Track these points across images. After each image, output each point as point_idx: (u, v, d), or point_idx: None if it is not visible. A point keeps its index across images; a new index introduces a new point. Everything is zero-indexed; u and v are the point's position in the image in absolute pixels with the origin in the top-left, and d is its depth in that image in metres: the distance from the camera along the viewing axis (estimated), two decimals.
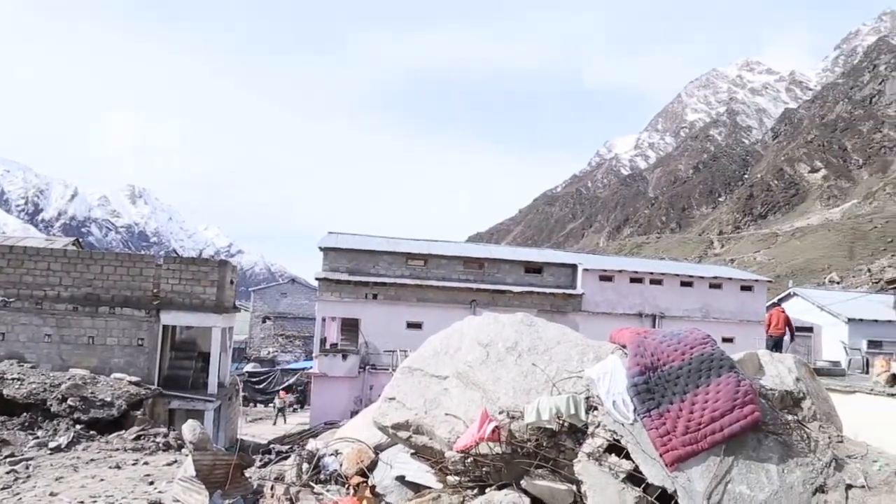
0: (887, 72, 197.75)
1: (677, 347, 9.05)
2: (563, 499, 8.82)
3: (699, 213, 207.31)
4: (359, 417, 15.30)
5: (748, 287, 36.99)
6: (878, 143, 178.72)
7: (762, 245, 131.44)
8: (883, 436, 10.92)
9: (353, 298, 30.86)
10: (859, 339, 36.29)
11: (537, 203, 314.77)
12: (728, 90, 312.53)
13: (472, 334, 10.66)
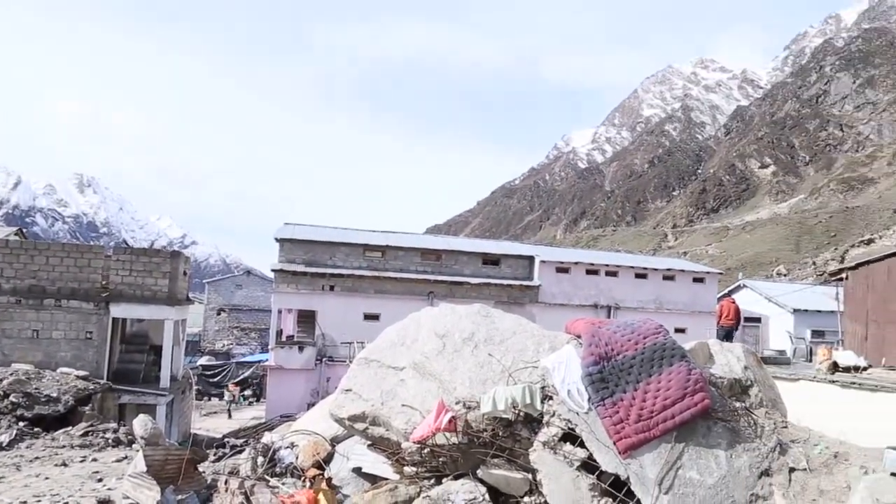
0: (832, 73, 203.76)
1: (631, 337, 9.19)
2: (518, 487, 8.90)
3: (654, 207, 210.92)
4: (315, 409, 15.17)
5: (700, 279, 37.80)
6: (823, 141, 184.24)
7: (714, 238, 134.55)
8: (824, 420, 11.30)
9: (309, 290, 30.57)
10: (804, 328, 37.50)
11: (496, 195, 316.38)
12: (683, 87, 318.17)
13: (428, 325, 10.66)
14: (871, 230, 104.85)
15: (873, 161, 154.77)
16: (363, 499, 9.36)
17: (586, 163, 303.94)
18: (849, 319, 18.50)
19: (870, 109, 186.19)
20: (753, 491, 8.32)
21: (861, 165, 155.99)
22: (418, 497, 9.06)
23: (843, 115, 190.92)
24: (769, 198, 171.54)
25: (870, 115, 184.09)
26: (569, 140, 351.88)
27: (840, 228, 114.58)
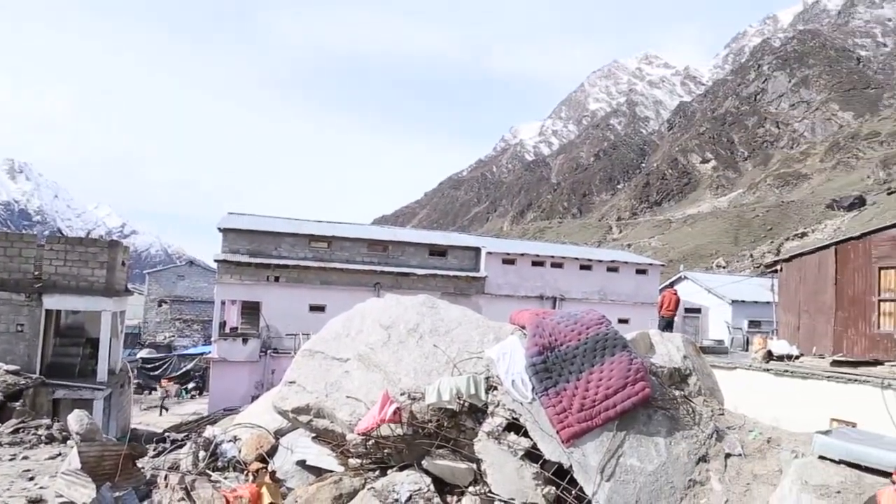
0: (769, 72, 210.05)
1: (574, 328, 9.31)
2: (463, 477, 8.94)
3: (599, 200, 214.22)
4: (259, 402, 14.95)
5: (643, 271, 38.57)
6: (761, 138, 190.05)
7: (657, 231, 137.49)
8: (759, 407, 11.70)
9: (253, 281, 30.04)
10: (741, 319, 38.60)
11: (443, 186, 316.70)
12: (628, 82, 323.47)
13: (374, 316, 10.60)
14: (804, 224, 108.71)
15: (807, 158, 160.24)
16: (307, 492, 9.27)
17: (533, 155, 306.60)
18: (783, 310, 19.12)
19: (804, 108, 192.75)
20: (691, 477, 8.55)
21: (796, 162, 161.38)
22: (363, 489, 9.02)
23: (780, 112, 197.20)
24: (710, 192, 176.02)
25: (804, 114, 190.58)
26: (516, 132, 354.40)
27: (776, 222, 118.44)
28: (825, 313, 17.37)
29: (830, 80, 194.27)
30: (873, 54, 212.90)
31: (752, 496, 8.21)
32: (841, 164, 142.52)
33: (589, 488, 8.26)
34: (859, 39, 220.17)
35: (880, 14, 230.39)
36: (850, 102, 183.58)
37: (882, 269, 16.05)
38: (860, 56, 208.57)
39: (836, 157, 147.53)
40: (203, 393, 41.22)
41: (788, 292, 18.78)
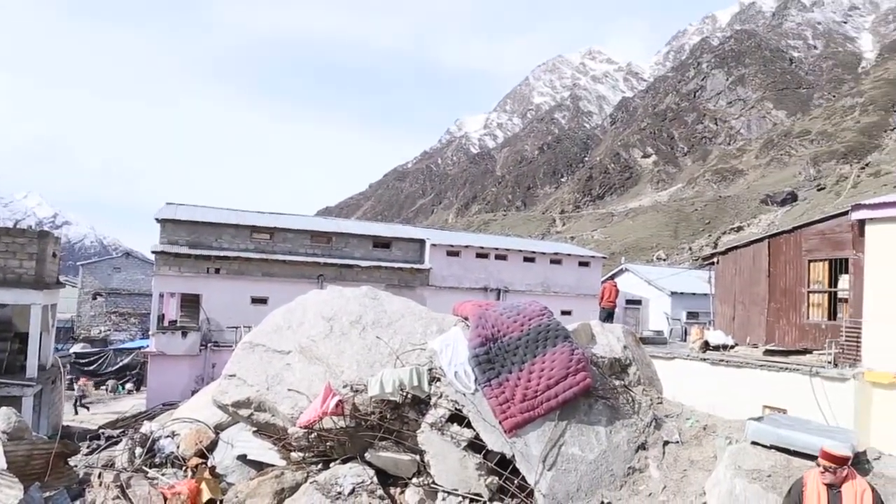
0: (708, 69, 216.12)
1: (517, 319, 9.37)
2: (406, 469, 8.93)
3: (543, 193, 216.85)
4: (198, 396, 14.61)
5: (585, 263, 39.23)
6: (699, 134, 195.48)
7: (599, 224, 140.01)
8: (696, 396, 11.99)
9: (193, 273, 29.33)
10: (680, 310, 39.62)
11: (388, 178, 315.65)
12: (572, 76, 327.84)
13: (315, 308, 10.45)
14: (740, 218, 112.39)
15: (743, 154, 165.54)
16: (248, 486, 9.10)
17: (478, 148, 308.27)
18: (719, 301, 19.67)
19: (741, 106, 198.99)
20: (631, 464, 8.72)
21: (732, 158, 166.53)
22: (305, 482, 8.92)
23: (718, 109, 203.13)
24: (650, 186, 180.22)
25: (740, 111, 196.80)
26: (461, 125, 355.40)
27: (713, 216, 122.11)
28: (759, 304, 17.94)
29: (765, 79, 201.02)
30: (805, 56, 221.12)
31: (688, 482, 8.42)
32: (774, 161, 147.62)
33: (531, 477, 8.34)
34: (792, 41, 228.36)
35: (811, 17, 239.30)
36: (783, 101, 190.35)
37: (811, 262, 16.65)
38: (793, 57, 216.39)
39: (770, 153, 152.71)
40: (141, 388, 40.10)
41: (724, 284, 19.32)
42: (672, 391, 11.61)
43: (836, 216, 16.22)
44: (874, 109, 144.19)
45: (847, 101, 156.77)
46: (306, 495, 8.56)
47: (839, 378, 13.40)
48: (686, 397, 11.27)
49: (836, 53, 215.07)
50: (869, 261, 13.83)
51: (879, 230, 13.66)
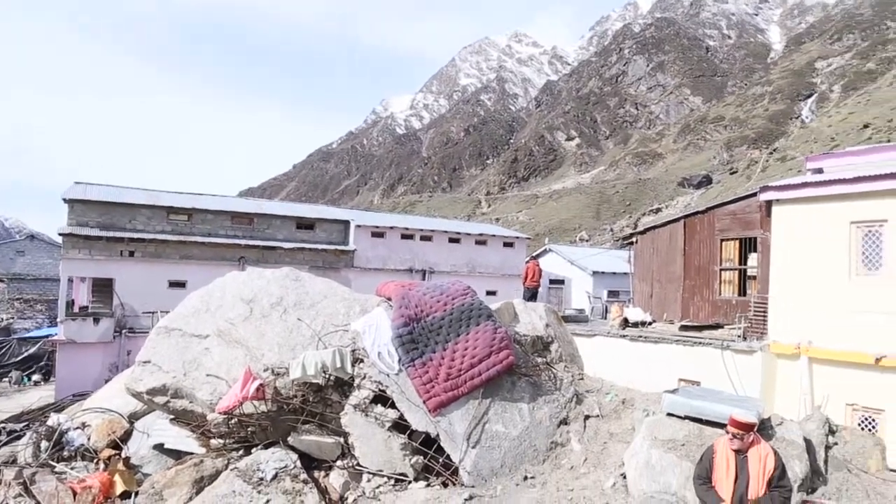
0: (630, 55, 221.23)
1: (440, 299, 9.37)
2: (330, 451, 8.83)
3: (469, 174, 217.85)
4: (111, 385, 14.03)
5: (510, 244, 39.66)
6: (621, 118, 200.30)
7: (524, 205, 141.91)
8: (616, 371, 12.33)
9: (105, 256, 28.03)
10: (602, 289, 40.61)
11: (312, 159, 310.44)
12: (498, 58, 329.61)
13: (234, 290, 10.16)
14: (659, 200, 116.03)
15: (662, 138, 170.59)
16: (165, 476, 8.80)
17: (404, 128, 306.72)
18: (637, 279, 20.23)
19: (660, 91, 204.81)
20: (553, 439, 8.89)
21: (652, 142, 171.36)
22: (226, 469, 8.70)
23: (639, 94, 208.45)
24: (574, 168, 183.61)
25: (660, 97, 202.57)
26: (387, 105, 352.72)
27: (634, 198, 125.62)
28: (675, 282, 18.55)
29: (683, 66, 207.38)
30: (720, 45, 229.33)
31: (608, 453, 8.65)
32: (691, 146, 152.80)
33: (456, 455, 8.39)
34: (708, 30, 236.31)
35: (725, 8, 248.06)
36: (699, 88, 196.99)
37: (723, 241, 17.31)
38: (709, 46, 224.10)
39: (687, 138, 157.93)
40: (50, 379, 38.24)
41: (643, 263, 19.87)
42: (593, 367, 11.90)
43: (745, 197, 16.89)
44: (781, 98, 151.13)
45: (757, 90, 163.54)
46: (227, 482, 8.35)
47: (747, 351, 14.03)
48: (606, 373, 11.57)
49: (748, 44, 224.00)
50: (775, 239, 14.47)
51: (785, 211, 14.31)
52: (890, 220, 12.40)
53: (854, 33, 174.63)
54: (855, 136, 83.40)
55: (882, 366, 12.08)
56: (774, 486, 5.75)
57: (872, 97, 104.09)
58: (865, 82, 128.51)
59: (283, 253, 30.97)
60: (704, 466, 6.04)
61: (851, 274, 12.92)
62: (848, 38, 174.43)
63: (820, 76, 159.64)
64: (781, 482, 5.81)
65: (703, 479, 5.99)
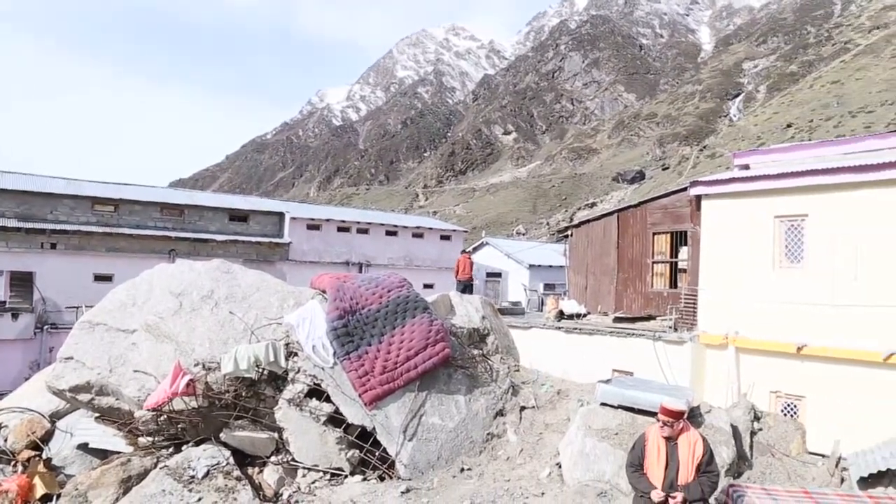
0: (566, 51, 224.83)
1: (375, 291, 9.28)
2: (264, 447, 8.66)
3: (406, 167, 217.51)
4: (30, 383, 13.38)
5: (447, 237, 39.74)
6: (557, 113, 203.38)
7: (462, 199, 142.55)
8: (552, 362, 12.50)
9: (24, 248, 26.73)
10: (538, 282, 41.09)
11: (246, 150, 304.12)
12: (436, 51, 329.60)
13: (163, 284, 9.81)
14: (594, 195, 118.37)
15: (597, 134, 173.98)
16: (90, 477, 8.45)
17: (341, 120, 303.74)
18: (572, 272, 20.53)
19: (595, 87, 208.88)
20: (489, 430, 8.94)
21: (587, 137, 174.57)
22: (155, 468, 8.42)
23: (574, 90, 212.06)
24: (511, 162, 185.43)
25: (595, 93, 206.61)
26: (323, 96, 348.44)
27: (570, 192, 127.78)
28: (609, 274, 18.90)
29: (618, 63, 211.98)
30: (653, 43, 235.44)
31: (544, 444, 8.75)
32: (625, 142, 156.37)
33: (392, 449, 8.34)
34: (641, 29, 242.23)
35: (658, 8, 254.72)
36: (633, 85, 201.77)
37: (655, 234, 17.73)
38: (642, 44, 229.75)
39: (621, 134, 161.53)
40: None
41: (577, 256, 20.18)
42: (529, 359, 12.01)
43: (676, 192, 17.33)
44: (711, 97, 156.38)
45: (688, 88, 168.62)
46: (156, 481, 8.08)
47: (678, 341, 14.42)
48: (542, 364, 11.71)
49: (680, 43, 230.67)
50: (704, 233, 14.90)
51: (713, 205, 14.74)
52: (811, 214, 12.91)
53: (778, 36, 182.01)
54: (779, 134, 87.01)
55: (803, 354, 12.59)
56: (703, 472, 5.91)
57: (795, 98, 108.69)
58: (788, 84, 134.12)
59: (215, 245, 30.17)
60: (637, 454, 6.16)
61: (775, 266, 13.41)
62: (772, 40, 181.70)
63: (747, 76, 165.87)
64: (709, 467, 5.98)
65: (636, 467, 6.11)
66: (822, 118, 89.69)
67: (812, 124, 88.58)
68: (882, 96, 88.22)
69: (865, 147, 14.25)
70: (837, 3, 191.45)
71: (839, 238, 12.36)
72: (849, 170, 12.27)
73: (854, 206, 12.23)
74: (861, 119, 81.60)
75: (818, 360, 12.45)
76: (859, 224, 12.14)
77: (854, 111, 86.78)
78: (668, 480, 5.86)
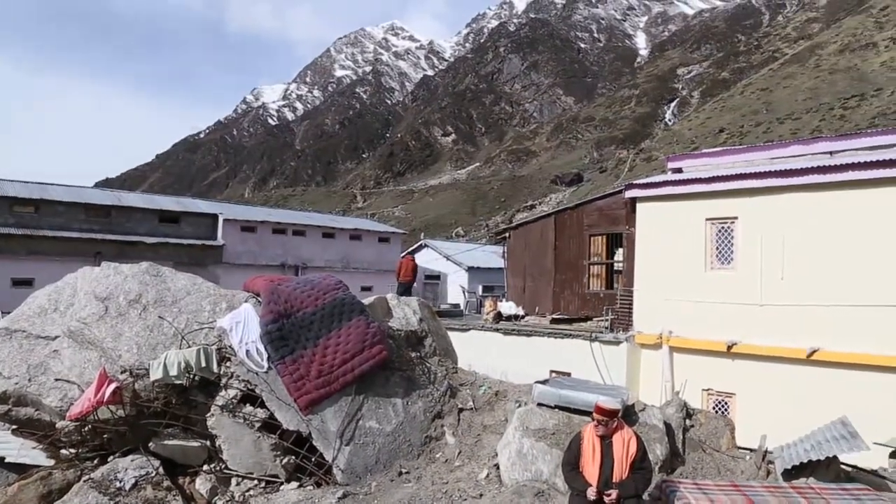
0: (505, 54, 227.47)
1: (311, 294, 9.12)
2: (196, 456, 8.40)
3: (344, 168, 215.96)
4: None
5: (385, 239, 39.59)
6: (496, 115, 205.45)
7: (400, 200, 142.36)
8: (490, 364, 12.54)
9: None
10: (477, 284, 41.34)
11: (178, 149, 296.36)
12: (374, 51, 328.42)
13: (87, 288, 9.39)
14: (533, 196, 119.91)
15: (536, 136, 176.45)
16: (6, 494, 8.03)
17: (277, 120, 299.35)
18: (510, 274, 20.71)
19: (534, 90, 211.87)
20: (427, 433, 8.89)
21: (526, 139, 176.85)
22: (79, 481, 8.06)
23: (513, 93, 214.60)
24: (450, 164, 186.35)
25: (534, 96, 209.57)
26: (259, 95, 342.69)
27: (509, 194, 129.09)
28: (546, 276, 19.14)
29: (556, 66, 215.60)
30: (590, 47, 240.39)
31: (482, 445, 8.75)
32: (563, 144, 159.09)
33: (329, 454, 8.21)
34: (579, 33, 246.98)
35: (596, 13, 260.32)
36: (571, 88, 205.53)
37: (591, 236, 18.06)
38: (580, 48, 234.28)
39: (559, 137, 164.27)
40: None
41: (515, 257, 20.36)
42: (468, 361, 12.03)
43: (612, 194, 17.70)
44: (647, 101, 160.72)
45: (625, 92, 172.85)
46: (80, 495, 7.73)
47: (614, 342, 14.71)
48: (481, 366, 11.74)
49: (617, 48, 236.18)
50: (639, 235, 15.25)
51: (647, 207, 15.10)
52: (740, 217, 13.36)
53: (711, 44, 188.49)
54: (712, 139, 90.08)
55: (733, 353, 13.02)
56: (637, 468, 6.01)
57: (727, 104, 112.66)
58: (720, 90, 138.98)
59: (144, 248, 29.15)
60: (572, 453, 6.23)
61: (707, 267, 13.82)
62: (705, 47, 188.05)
63: (681, 82, 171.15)
64: (643, 464, 6.09)
65: (572, 465, 6.18)
66: (753, 124, 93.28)
67: (743, 129, 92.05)
68: (807, 104, 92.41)
69: (791, 152, 14.84)
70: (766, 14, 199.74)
71: (767, 240, 12.83)
72: (775, 174, 12.75)
73: (780, 209, 12.72)
74: (788, 125, 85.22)
75: (747, 359, 12.89)
76: (785, 226, 12.62)
77: (782, 118, 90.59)
78: (603, 478, 5.94)
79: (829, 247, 12.00)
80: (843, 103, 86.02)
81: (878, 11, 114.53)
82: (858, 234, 11.69)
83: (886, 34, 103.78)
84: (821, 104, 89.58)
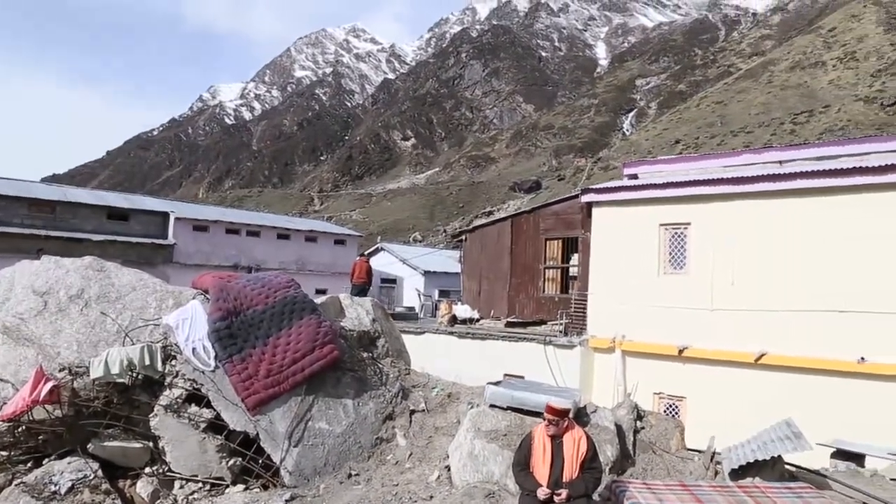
0: (467, 59, 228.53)
1: (261, 291, 8.92)
2: (137, 458, 8.12)
3: (301, 170, 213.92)
4: None
5: (342, 241, 39.25)
6: (457, 120, 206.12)
7: (358, 204, 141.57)
8: (444, 367, 12.47)
9: None
10: (433, 288, 41.28)
11: (129, 146, 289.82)
12: (335, 52, 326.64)
13: (25, 282, 9.03)
14: (491, 203, 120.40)
15: (495, 143, 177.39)
16: None
17: (234, 119, 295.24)
18: (466, 277, 20.69)
19: (495, 97, 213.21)
20: (378, 434, 8.76)
21: (485, 146, 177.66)
22: (10, 486, 7.71)
23: (474, 98, 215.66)
24: (409, 168, 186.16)
25: (494, 102, 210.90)
26: (215, 93, 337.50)
27: (468, 200, 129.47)
28: (502, 279, 19.16)
29: (517, 73, 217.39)
30: (551, 56, 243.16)
31: (433, 447, 8.67)
32: (523, 151, 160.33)
33: (276, 455, 8.02)
34: (541, 41, 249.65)
35: (557, 22, 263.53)
36: (531, 96, 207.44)
37: (547, 240, 18.15)
38: (541, 56, 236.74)
39: (518, 144, 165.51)
40: None
41: (471, 260, 20.34)
42: (422, 363, 11.93)
43: (569, 199, 17.82)
44: (606, 111, 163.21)
45: (585, 101, 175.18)
46: (10, 500, 7.40)
47: (568, 345, 14.77)
48: (435, 369, 11.65)
49: (577, 57, 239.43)
50: (594, 239, 15.37)
51: (603, 212, 15.23)
52: (693, 223, 13.57)
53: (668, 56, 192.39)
54: (668, 149, 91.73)
55: (684, 357, 13.20)
56: (587, 468, 6.01)
57: (683, 116, 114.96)
58: (677, 102, 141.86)
59: (90, 246, 28.22)
60: (523, 453, 6.20)
61: (660, 272, 13.99)
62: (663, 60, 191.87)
63: (639, 93, 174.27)
64: (593, 464, 6.09)
65: (522, 465, 6.14)
66: (708, 136, 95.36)
67: (698, 141, 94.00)
68: (759, 118, 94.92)
69: (743, 161, 15.16)
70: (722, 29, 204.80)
71: (718, 245, 13.06)
72: (727, 181, 12.99)
73: (731, 216, 12.97)
74: (741, 139, 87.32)
75: (697, 362, 13.08)
76: (736, 233, 12.86)
77: (735, 131, 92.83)
78: (553, 478, 5.91)
79: (777, 253, 12.28)
80: (793, 118, 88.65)
81: (826, 32, 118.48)
82: (805, 240, 11.98)
83: (834, 54, 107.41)
84: (772, 119, 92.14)
